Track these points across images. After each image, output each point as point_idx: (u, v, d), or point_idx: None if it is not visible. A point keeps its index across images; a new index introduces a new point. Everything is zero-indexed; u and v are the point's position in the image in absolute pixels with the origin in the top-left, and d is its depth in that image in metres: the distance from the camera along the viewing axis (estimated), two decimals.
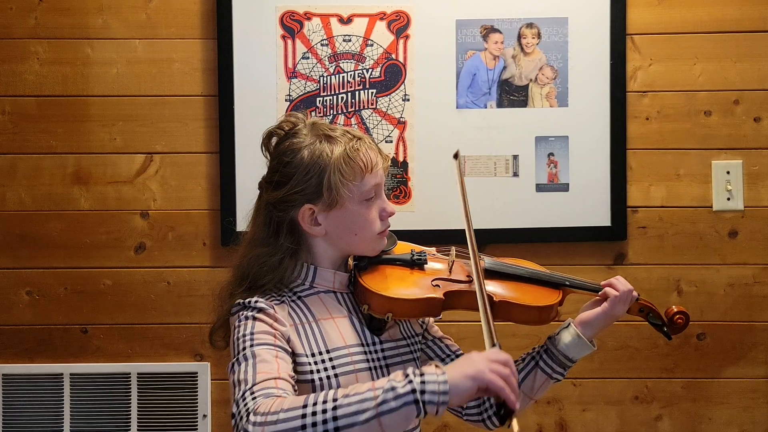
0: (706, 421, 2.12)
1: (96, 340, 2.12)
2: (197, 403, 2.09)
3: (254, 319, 1.24)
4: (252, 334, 1.22)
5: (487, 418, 1.43)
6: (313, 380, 1.26)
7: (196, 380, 2.10)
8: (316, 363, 1.26)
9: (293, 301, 1.31)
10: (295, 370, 1.24)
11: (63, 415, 2.09)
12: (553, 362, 1.38)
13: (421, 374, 1.08)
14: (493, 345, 1.17)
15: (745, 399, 2.11)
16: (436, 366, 1.10)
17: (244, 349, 1.20)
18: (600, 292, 1.41)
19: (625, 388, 2.12)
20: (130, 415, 2.09)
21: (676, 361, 2.12)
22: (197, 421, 2.10)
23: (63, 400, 2.09)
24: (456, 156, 1.42)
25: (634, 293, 1.41)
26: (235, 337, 1.24)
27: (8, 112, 2.11)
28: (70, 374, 2.10)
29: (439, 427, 2.12)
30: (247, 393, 1.13)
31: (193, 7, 2.11)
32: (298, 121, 1.35)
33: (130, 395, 2.09)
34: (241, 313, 1.26)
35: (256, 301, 1.26)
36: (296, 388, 1.19)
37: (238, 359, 1.20)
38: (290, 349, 1.24)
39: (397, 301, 1.30)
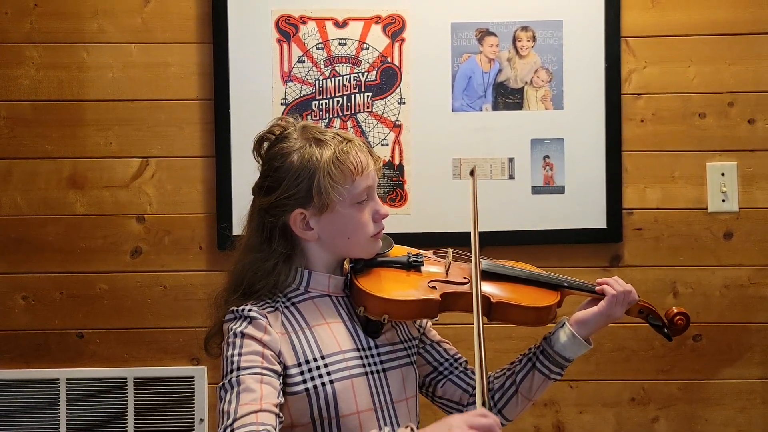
0: (702, 423, 2.12)
1: (92, 345, 2.11)
2: (194, 407, 2.09)
3: (243, 336, 1.24)
4: (240, 355, 1.22)
5: None
6: (307, 389, 1.26)
7: (193, 384, 2.09)
8: (310, 371, 1.26)
9: (287, 307, 1.31)
10: (286, 384, 1.25)
11: (59, 420, 2.09)
12: (550, 362, 1.38)
13: None
14: (484, 402, 1.15)
15: (741, 400, 2.12)
16: (411, 429, 1.12)
17: (231, 372, 1.22)
18: (598, 288, 1.40)
19: (621, 389, 2.12)
20: (126, 419, 2.09)
21: (673, 363, 2.12)
22: (194, 426, 2.09)
23: (59, 405, 2.09)
24: (472, 173, 1.40)
25: (633, 294, 1.39)
26: (225, 354, 1.25)
27: (3, 117, 2.10)
28: (66, 379, 2.09)
29: None
30: (228, 430, 1.15)
31: (188, 11, 2.11)
32: (288, 125, 1.34)
33: (127, 400, 2.09)
34: (232, 325, 1.26)
35: (249, 310, 1.26)
36: (281, 416, 1.20)
37: (224, 385, 1.22)
38: (279, 368, 1.24)
39: (393, 302, 1.30)
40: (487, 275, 1.40)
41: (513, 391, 1.39)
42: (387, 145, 2.10)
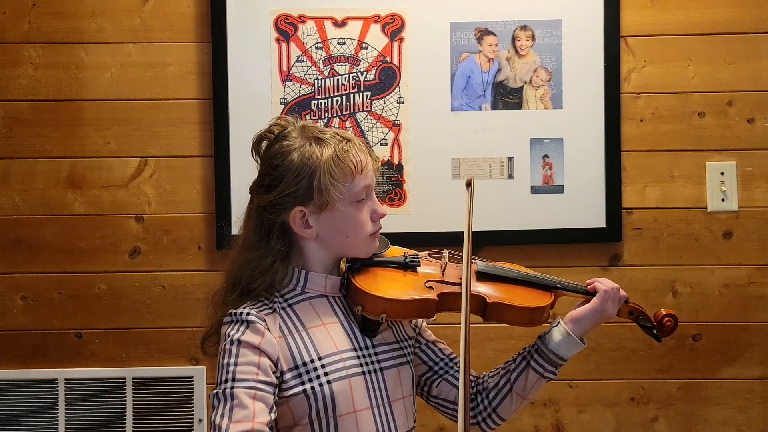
0: (702, 422, 2.12)
1: (91, 345, 2.11)
2: (193, 407, 2.09)
3: (239, 344, 1.24)
4: (236, 365, 1.23)
5: (482, 420, 1.43)
6: (305, 390, 1.26)
7: (192, 384, 2.09)
8: (308, 372, 1.27)
9: (283, 309, 1.31)
10: (284, 388, 1.25)
11: (58, 420, 2.08)
12: (544, 361, 1.38)
13: None
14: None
15: (740, 399, 2.11)
16: None
17: (226, 381, 1.22)
18: (589, 287, 1.42)
19: (621, 389, 2.12)
20: (125, 420, 2.09)
21: (672, 362, 2.12)
22: (193, 426, 2.09)
23: (58, 405, 2.09)
24: (469, 184, 1.41)
25: (622, 292, 1.42)
26: (221, 361, 1.25)
27: (2, 117, 2.10)
28: (65, 379, 2.09)
29: (435, 430, 2.12)
30: None
31: (187, 10, 2.10)
32: (287, 124, 1.35)
33: (126, 400, 2.09)
34: (229, 330, 1.26)
35: (247, 314, 1.26)
36: None
37: (218, 395, 1.22)
38: (274, 379, 1.24)
39: (391, 301, 1.30)
40: (483, 276, 1.41)
41: (507, 390, 1.40)
42: (386, 144, 2.10)
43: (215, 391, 1.23)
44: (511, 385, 1.40)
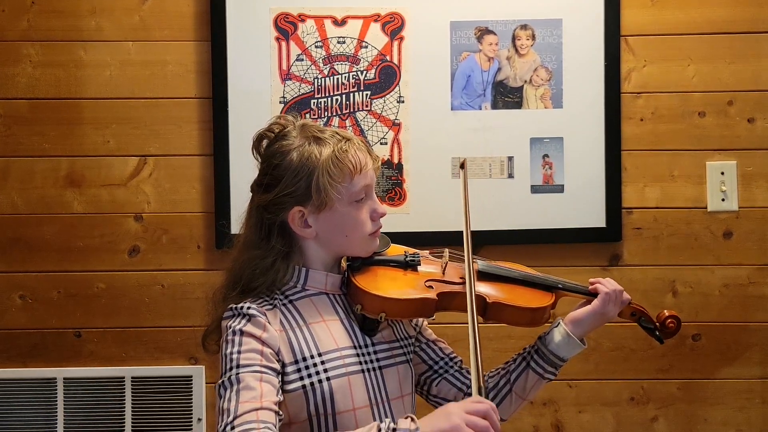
0: (701, 422, 2.12)
1: (90, 344, 2.11)
2: (192, 406, 2.09)
3: (242, 334, 1.24)
4: (239, 353, 1.23)
5: None
6: (304, 386, 1.26)
7: (191, 383, 2.09)
8: (307, 368, 1.27)
9: (284, 305, 1.31)
10: (284, 381, 1.25)
11: (56, 420, 2.08)
12: (544, 362, 1.38)
13: (394, 429, 1.13)
14: (479, 389, 1.17)
15: (740, 399, 2.11)
16: (411, 420, 1.14)
17: (231, 369, 1.22)
18: (591, 288, 1.42)
19: (621, 389, 2.12)
20: (124, 419, 2.08)
21: (672, 362, 2.12)
22: (192, 425, 2.09)
23: (56, 404, 2.08)
24: (462, 166, 1.42)
25: (625, 295, 1.41)
26: (224, 352, 1.25)
27: (1, 115, 2.10)
28: (64, 378, 2.09)
29: None
30: (228, 427, 1.15)
31: (186, 9, 2.10)
32: (287, 123, 1.35)
33: (125, 399, 2.08)
34: (231, 323, 1.27)
35: (248, 308, 1.27)
36: (280, 414, 1.21)
37: (224, 383, 1.22)
38: (278, 366, 1.25)
39: (390, 300, 1.30)
40: (484, 276, 1.41)
41: (507, 390, 1.40)
42: (386, 143, 2.10)
43: (220, 381, 1.23)
44: (511, 386, 1.40)
